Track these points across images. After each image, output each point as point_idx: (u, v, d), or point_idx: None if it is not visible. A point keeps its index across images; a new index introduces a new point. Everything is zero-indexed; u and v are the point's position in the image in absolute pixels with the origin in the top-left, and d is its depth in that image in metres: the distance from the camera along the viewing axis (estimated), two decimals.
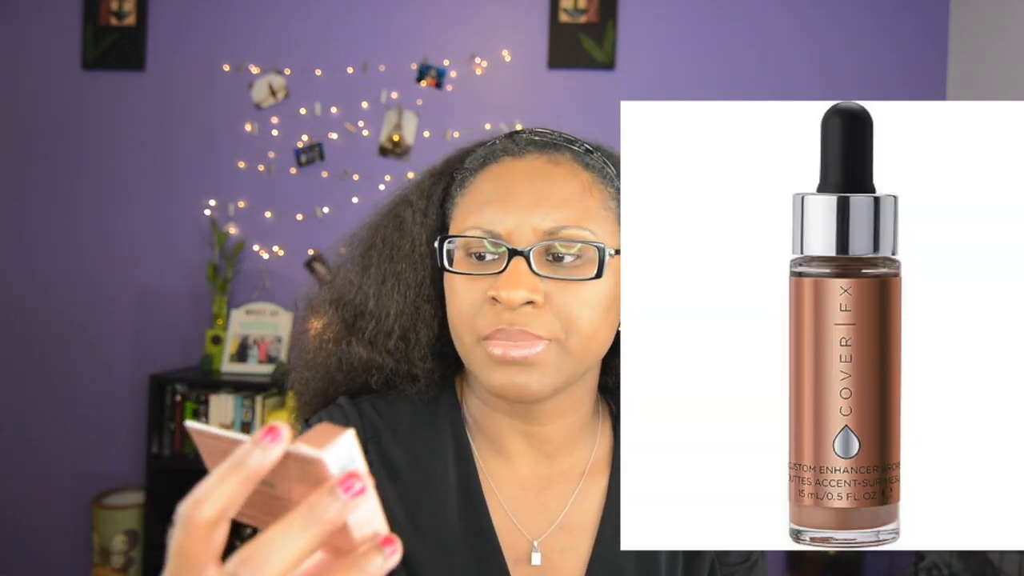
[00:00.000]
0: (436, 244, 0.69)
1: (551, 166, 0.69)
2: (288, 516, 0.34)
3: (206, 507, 0.34)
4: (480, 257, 0.67)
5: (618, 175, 0.72)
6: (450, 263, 0.68)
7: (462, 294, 0.67)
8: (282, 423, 0.35)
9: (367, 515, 0.36)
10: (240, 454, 0.35)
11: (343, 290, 0.76)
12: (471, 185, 0.71)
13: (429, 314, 0.74)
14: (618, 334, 0.72)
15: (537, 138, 0.72)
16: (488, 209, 0.67)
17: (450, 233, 0.70)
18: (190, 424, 0.38)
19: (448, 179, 0.75)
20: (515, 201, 0.67)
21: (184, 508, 0.35)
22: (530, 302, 0.64)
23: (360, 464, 0.36)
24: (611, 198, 0.70)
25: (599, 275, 0.65)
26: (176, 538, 0.35)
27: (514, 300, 0.63)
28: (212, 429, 0.37)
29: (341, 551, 0.37)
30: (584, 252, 0.66)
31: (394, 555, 0.36)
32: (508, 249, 0.65)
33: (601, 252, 0.65)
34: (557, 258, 0.66)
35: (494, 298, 0.65)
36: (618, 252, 0.68)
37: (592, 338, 0.67)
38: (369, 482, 0.35)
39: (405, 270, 0.74)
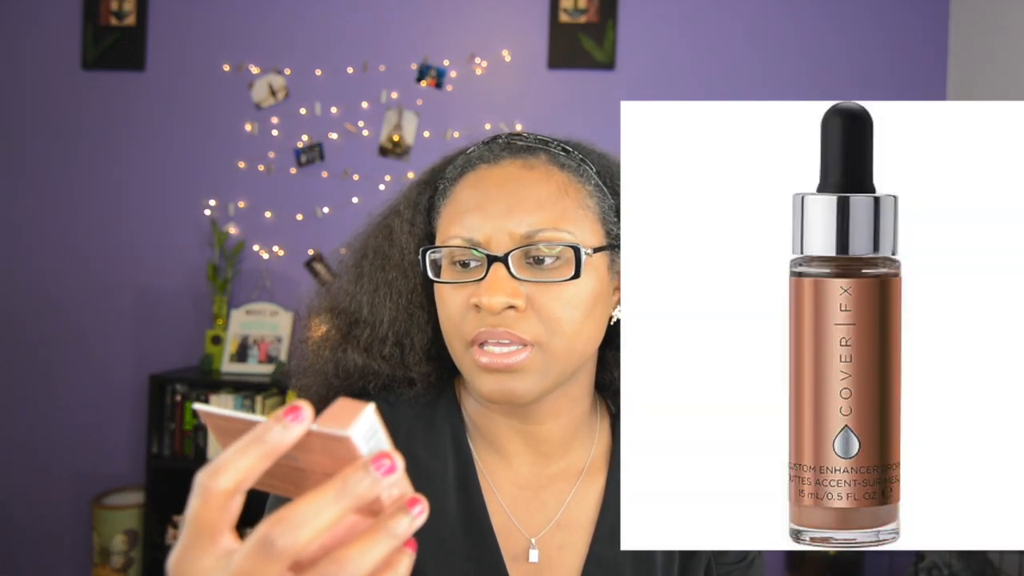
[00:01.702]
0: (419, 255, 0.71)
1: (525, 170, 0.70)
2: (322, 487, 0.35)
3: (223, 478, 0.35)
4: (464, 264, 0.69)
5: (597, 172, 0.73)
6: (436, 272, 0.70)
7: (449, 302, 0.69)
8: (304, 403, 0.36)
9: (394, 479, 0.38)
10: (261, 429, 0.36)
11: (338, 299, 0.78)
12: (451, 194, 0.72)
13: (423, 320, 0.75)
14: (612, 329, 0.73)
15: (512, 143, 0.73)
16: (467, 217, 0.69)
17: (436, 242, 0.72)
18: (199, 407, 0.38)
19: (432, 188, 0.77)
20: (491, 208, 0.68)
21: (201, 477, 0.35)
22: (511, 307, 0.66)
23: (384, 437, 0.38)
24: (589, 196, 0.71)
25: (576, 275, 0.66)
26: (192, 506, 0.36)
27: (494, 306, 0.65)
28: (223, 411, 0.38)
29: (370, 512, 0.38)
30: (563, 253, 0.67)
31: (421, 515, 0.37)
32: (487, 256, 0.66)
33: (577, 252, 0.66)
34: (538, 261, 0.67)
35: (476, 305, 0.66)
36: (597, 250, 0.69)
37: (575, 338, 0.68)
38: (397, 456, 0.36)
39: (396, 279, 0.75)
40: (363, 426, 0.36)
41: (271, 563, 0.34)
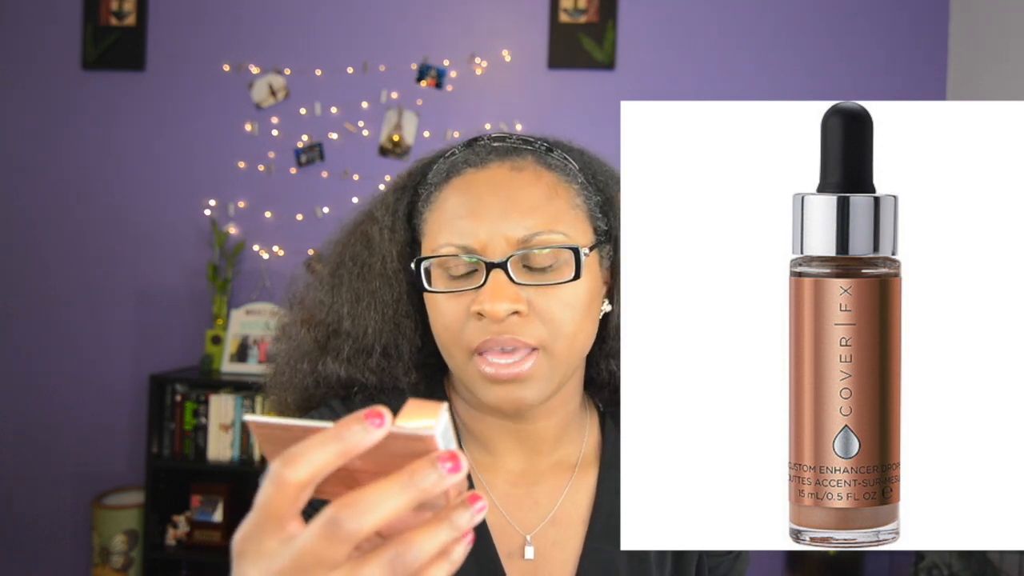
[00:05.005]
0: (412, 266, 0.69)
1: (515, 173, 0.69)
2: (391, 477, 0.36)
3: (299, 468, 0.36)
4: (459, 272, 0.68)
5: (580, 169, 0.72)
6: (428, 281, 0.68)
7: (446, 312, 0.68)
8: (384, 408, 0.37)
9: (458, 478, 0.39)
10: (341, 427, 0.36)
11: (313, 310, 0.76)
12: (437, 200, 0.71)
13: (410, 329, 0.74)
14: (603, 325, 0.73)
15: (497, 144, 0.72)
16: (459, 223, 0.67)
17: (423, 250, 0.71)
18: (249, 418, 0.39)
19: (412, 193, 0.75)
20: (484, 213, 0.67)
21: (276, 466, 0.36)
22: (515, 312, 0.65)
23: (453, 436, 0.39)
24: (576, 195, 0.70)
25: (577, 276, 0.66)
26: (264, 492, 0.37)
27: (499, 313, 0.64)
28: (279, 420, 0.38)
29: (434, 504, 0.39)
30: (559, 255, 0.67)
31: (481, 512, 0.38)
32: (485, 263, 0.66)
33: (576, 253, 0.66)
34: (534, 265, 0.67)
35: (479, 313, 0.65)
36: (592, 249, 0.69)
37: (575, 338, 0.68)
38: (463, 457, 0.38)
39: (380, 288, 0.74)
40: (442, 424, 0.38)
41: (336, 544, 0.35)
